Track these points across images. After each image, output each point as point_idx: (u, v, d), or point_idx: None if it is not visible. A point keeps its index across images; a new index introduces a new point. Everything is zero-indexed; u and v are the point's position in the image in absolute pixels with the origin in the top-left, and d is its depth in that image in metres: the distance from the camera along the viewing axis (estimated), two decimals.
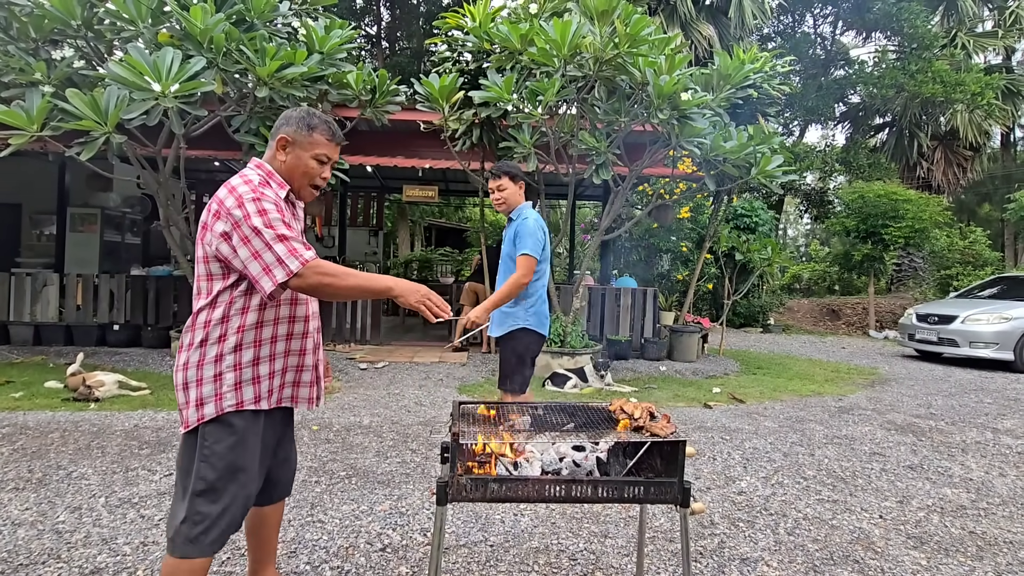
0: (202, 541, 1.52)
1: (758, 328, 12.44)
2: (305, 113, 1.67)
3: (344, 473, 3.22)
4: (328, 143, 1.68)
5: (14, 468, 3.12)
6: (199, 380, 1.55)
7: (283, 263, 1.48)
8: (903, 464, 3.77)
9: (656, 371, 6.79)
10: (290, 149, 1.65)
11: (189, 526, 1.52)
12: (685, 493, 1.69)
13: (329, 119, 1.70)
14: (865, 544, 2.62)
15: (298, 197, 1.73)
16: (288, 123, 1.66)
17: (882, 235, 12.12)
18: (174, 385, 1.60)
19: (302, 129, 1.65)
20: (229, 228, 1.50)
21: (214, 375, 1.55)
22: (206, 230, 1.55)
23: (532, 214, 2.99)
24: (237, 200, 1.51)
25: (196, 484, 1.53)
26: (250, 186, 1.55)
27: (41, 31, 5.23)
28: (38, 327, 6.93)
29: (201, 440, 1.54)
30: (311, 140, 1.65)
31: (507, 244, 3.01)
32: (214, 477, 1.54)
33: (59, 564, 2.19)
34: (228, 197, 1.52)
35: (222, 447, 1.55)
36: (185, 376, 1.56)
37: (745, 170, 5.90)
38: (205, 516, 1.53)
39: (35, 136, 4.74)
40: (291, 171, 1.66)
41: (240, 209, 1.50)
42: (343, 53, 5.84)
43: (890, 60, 16.72)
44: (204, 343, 1.56)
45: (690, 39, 12.99)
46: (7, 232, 9.17)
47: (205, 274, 1.57)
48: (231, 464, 1.56)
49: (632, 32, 4.89)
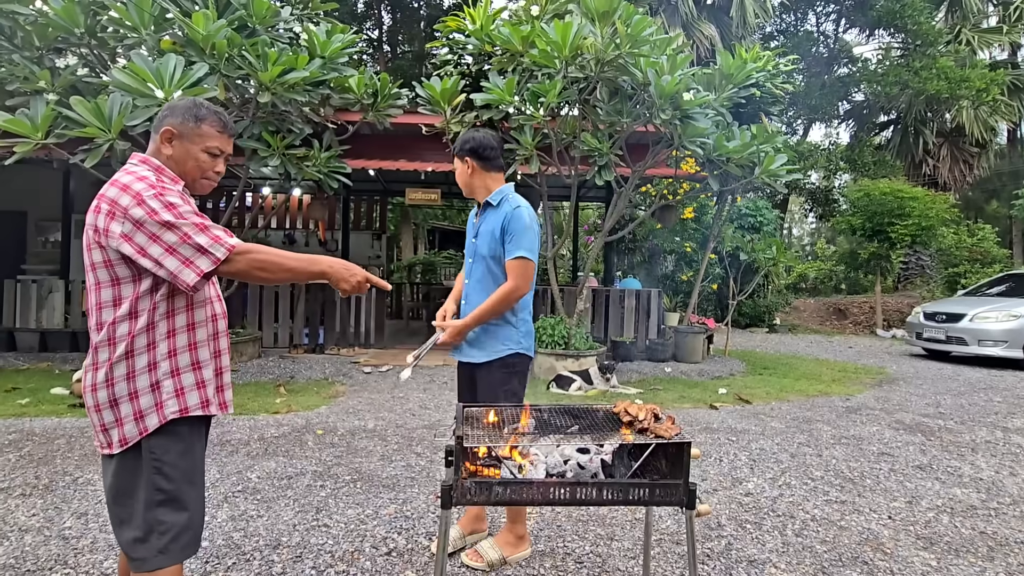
0: (173, 549, 1.46)
1: (764, 328, 12.38)
2: (192, 103, 1.54)
3: (349, 477, 3.21)
4: (220, 135, 1.56)
5: (21, 474, 3.12)
6: (132, 394, 1.43)
7: (207, 252, 1.39)
8: (912, 464, 3.73)
9: (661, 372, 6.76)
10: (177, 142, 1.52)
11: (156, 537, 1.44)
12: (691, 495, 1.67)
13: (219, 109, 1.58)
14: (874, 545, 2.59)
15: (192, 191, 1.59)
16: (173, 114, 1.52)
17: (888, 233, 12.05)
18: (88, 406, 1.45)
19: (189, 120, 1.51)
20: (130, 229, 1.37)
21: (150, 385, 1.45)
22: (98, 233, 1.39)
23: (523, 202, 2.32)
24: (135, 198, 1.37)
25: (154, 496, 1.44)
26: (146, 182, 1.41)
27: (45, 39, 5.27)
28: (44, 334, 6.97)
29: (148, 453, 1.45)
30: (200, 132, 1.53)
31: (487, 239, 2.30)
32: (172, 487, 1.46)
33: (66, 570, 2.19)
34: (122, 196, 1.38)
35: (172, 456, 1.47)
36: (111, 393, 1.43)
37: (749, 170, 5.88)
38: (172, 525, 1.45)
39: (40, 144, 4.78)
40: (180, 166, 1.53)
41: (141, 207, 1.37)
42: (345, 57, 5.86)
43: (894, 57, 16.66)
44: (129, 355, 1.43)
45: (692, 39, 12.98)
46: (13, 239, 9.25)
47: (109, 280, 1.42)
48: (186, 471, 1.49)
49: (633, 33, 4.88)
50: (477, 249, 2.35)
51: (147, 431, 1.44)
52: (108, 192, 1.41)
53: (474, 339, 2.33)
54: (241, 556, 2.33)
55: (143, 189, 1.40)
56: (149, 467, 1.45)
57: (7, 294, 7.07)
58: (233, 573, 2.21)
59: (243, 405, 4.70)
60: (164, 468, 1.46)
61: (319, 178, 6.12)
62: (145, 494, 1.44)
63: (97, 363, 1.45)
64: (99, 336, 1.45)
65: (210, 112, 1.55)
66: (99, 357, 1.45)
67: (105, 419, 1.44)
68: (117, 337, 1.43)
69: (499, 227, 2.25)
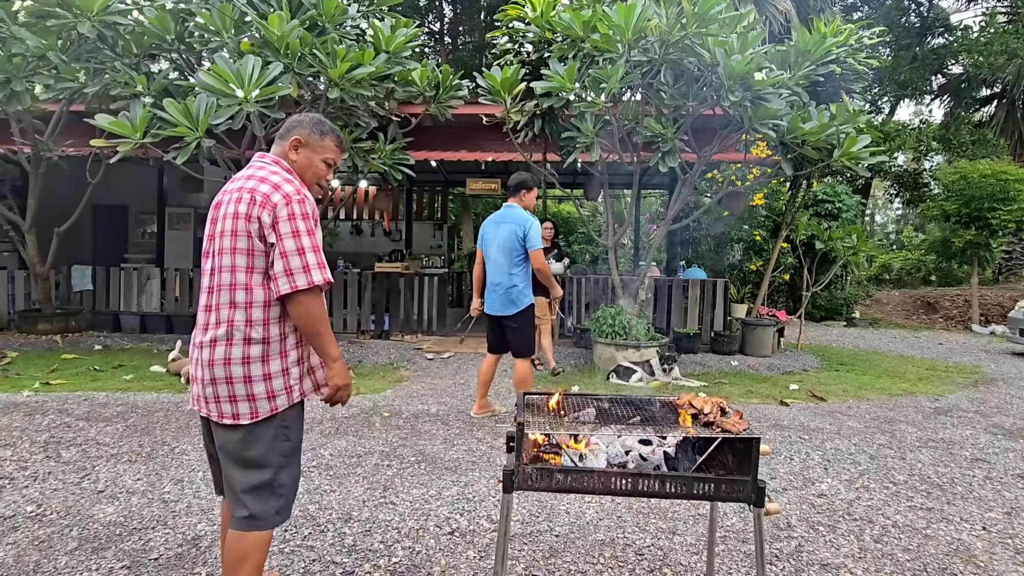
0: (286, 509, 1.70)
1: (841, 322, 11.62)
2: (317, 119, 1.79)
3: (414, 458, 3.34)
4: (336, 149, 1.80)
5: (127, 443, 3.48)
6: (267, 375, 1.62)
7: (309, 272, 1.57)
8: (1012, 472, 3.41)
9: (727, 366, 6.52)
10: (302, 150, 1.74)
11: (276, 499, 1.65)
12: (759, 492, 1.62)
13: (336, 128, 1.84)
14: (965, 557, 2.40)
15: None
16: (301, 126, 1.75)
17: (988, 219, 10.92)
18: (216, 378, 1.60)
19: (315, 133, 1.75)
20: (270, 221, 1.57)
21: (282, 370, 1.64)
22: (247, 221, 1.57)
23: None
24: (285, 198, 1.59)
25: (279, 461, 1.66)
26: (293, 186, 1.63)
27: (141, 46, 5.75)
28: (144, 317, 7.67)
29: (280, 424, 1.65)
30: (322, 144, 1.76)
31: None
32: (291, 456, 1.70)
33: (166, 530, 2.43)
34: (274, 193, 1.59)
35: (295, 430, 1.71)
36: (247, 371, 1.60)
37: (827, 152, 5.50)
38: (288, 488, 1.69)
39: (139, 143, 5.23)
40: (302, 170, 1.75)
41: (288, 207, 1.58)
42: (408, 51, 6.00)
43: (999, 24, 14.96)
44: (266, 341, 1.61)
45: (764, 15, 12.21)
46: (116, 231, 10.20)
47: (246, 267, 1.60)
48: (296, 442, 1.73)
49: (701, 11, 4.68)
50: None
51: (278, 409, 1.64)
52: (258, 187, 1.61)
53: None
54: (316, 527, 2.49)
55: (291, 192, 1.61)
56: (279, 436, 1.66)
57: (112, 281, 7.82)
58: (309, 542, 2.37)
59: None
60: (290, 437, 1.69)
61: (384, 170, 6.33)
62: (274, 460, 1.65)
63: (231, 340, 1.60)
64: (232, 314, 1.61)
65: (331, 129, 1.80)
66: (235, 336, 1.61)
67: (236, 392, 1.61)
68: (253, 320, 1.61)
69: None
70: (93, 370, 5.44)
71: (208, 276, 1.66)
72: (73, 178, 7.24)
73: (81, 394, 4.56)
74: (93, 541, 2.33)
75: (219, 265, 1.62)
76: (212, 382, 1.61)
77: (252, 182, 1.63)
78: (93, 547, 2.28)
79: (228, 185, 1.71)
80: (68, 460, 3.18)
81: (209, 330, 1.63)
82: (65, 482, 2.89)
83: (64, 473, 3.00)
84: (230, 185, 1.69)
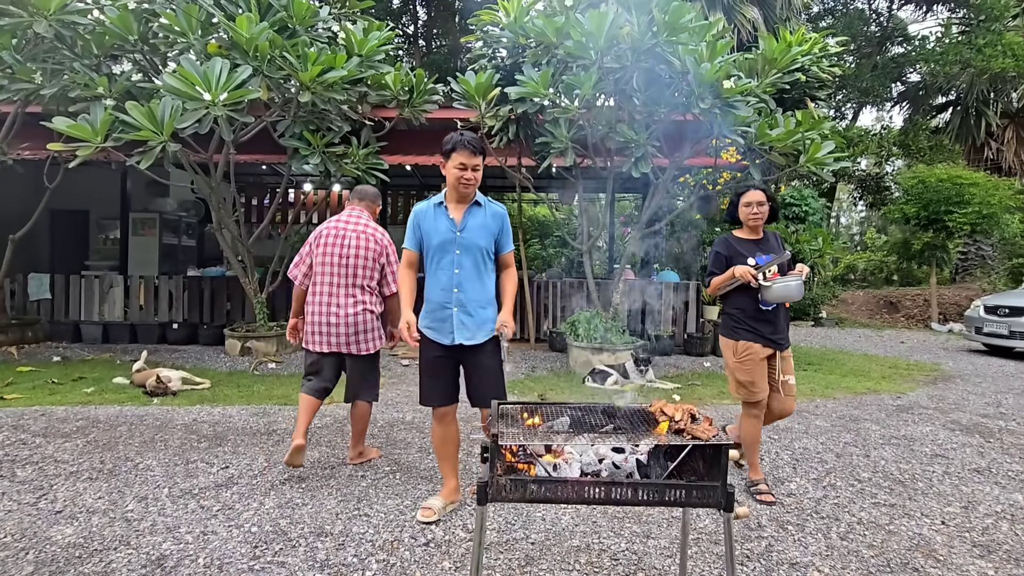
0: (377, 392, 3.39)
1: (809, 321, 11.95)
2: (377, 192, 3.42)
3: (388, 468, 3.30)
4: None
5: (87, 459, 3.35)
6: (375, 328, 3.21)
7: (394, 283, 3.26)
8: (969, 467, 3.55)
9: (700, 367, 6.64)
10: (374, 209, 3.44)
11: (376, 387, 3.33)
12: (728, 497, 1.65)
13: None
14: (926, 551, 2.49)
15: None
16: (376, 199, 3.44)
17: (945, 222, 11.38)
18: (350, 324, 3.11)
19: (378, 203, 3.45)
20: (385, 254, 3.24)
21: (378, 327, 3.23)
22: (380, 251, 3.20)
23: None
24: (390, 243, 3.27)
25: (378, 372, 3.35)
26: (387, 237, 3.27)
27: (102, 47, 5.56)
28: (106, 326, 7.40)
29: (378, 356, 3.32)
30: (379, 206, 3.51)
31: (481, 233, 2.59)
32: (379, 365, 3.37)
33: (128, 550, 2.35)
34: (383, 238, 3.23)
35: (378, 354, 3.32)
36: (370, 323, 3.16)
37: (793, 158, 5.65)
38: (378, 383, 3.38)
39: (99, 147, 5.05)
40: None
41: (391, 247, 3.26)
42: (381, 55, 5.94)
43: (954, 34, 15.64)
44: (374, 313, 3.19)
45: (733, 23, 12.52)
46: (77, 237, 9.83)
47: (370, 274, 3.18)
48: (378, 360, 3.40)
49: (671, 20, 4.76)
50: (467, 241, 2.58)
51: (378, 347, 3.26)
52: (376, 235, 3.22)
53: (477, 324, 2.60)
54: (288, 542, 2.43)
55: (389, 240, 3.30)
56: (378, 361, 3.34)
57: (72, 289, 7.53)
58: (280, 558, 2.31)
59: (288, 396, 4.88)
60: (379, 362, 3.35)
61: (357, 174, 6.25)
62: (377, 372, 3.34)
63: (368, 304, 3.16)
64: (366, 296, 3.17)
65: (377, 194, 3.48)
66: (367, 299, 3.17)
67: (368, 333, 3.18)
68: (374, 300, 3.20)
69: (493, 223, 2.63)
70: (51, 383, 5.23)
71: None
72: (29, 182, 6.96)
73: (38, 408, 4.38)
74: (51, 564, 2.23)
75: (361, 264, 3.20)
76: (350, 324, 3.12)
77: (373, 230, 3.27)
78: (51, 571, 2.19)
79: None
80: (23, 479, 3.04)
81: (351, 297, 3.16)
82: (20, 503, 2.76)
83: (19, 493, 2.87)
84: None
